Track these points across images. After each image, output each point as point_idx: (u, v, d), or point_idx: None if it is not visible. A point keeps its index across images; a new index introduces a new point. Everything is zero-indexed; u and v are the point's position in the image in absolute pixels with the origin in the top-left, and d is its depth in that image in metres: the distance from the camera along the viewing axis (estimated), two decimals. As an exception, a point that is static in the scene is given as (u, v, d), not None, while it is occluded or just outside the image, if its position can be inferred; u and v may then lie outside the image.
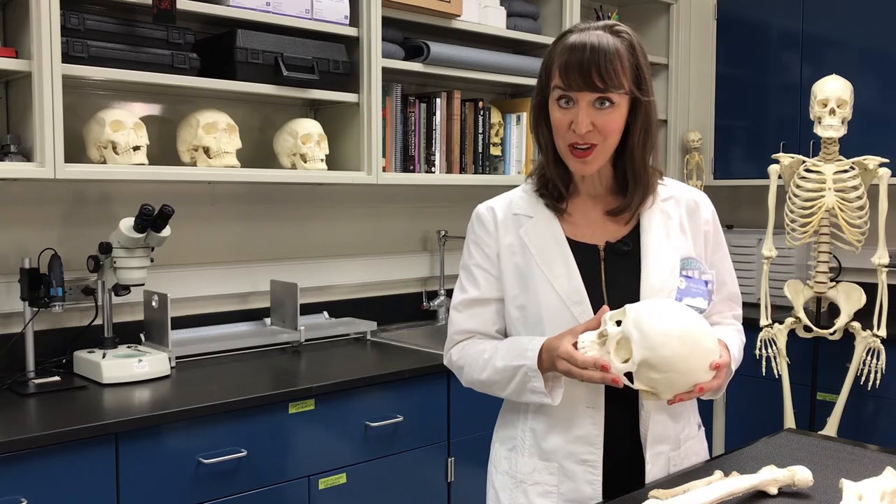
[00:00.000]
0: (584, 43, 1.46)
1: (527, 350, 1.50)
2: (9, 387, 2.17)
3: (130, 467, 1.95)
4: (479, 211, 1.65)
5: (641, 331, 1.35)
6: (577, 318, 1.51)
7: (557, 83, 1.48)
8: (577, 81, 1.46)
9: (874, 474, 1.43)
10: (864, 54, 3.32)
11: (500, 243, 1.60)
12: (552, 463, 1.57)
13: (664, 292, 1.53)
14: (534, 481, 1.59)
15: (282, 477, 2.20)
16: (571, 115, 1.48)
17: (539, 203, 1.61)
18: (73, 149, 2.28)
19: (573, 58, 1.46)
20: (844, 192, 2.93)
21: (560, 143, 1.53)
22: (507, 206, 1.63)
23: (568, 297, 1.52)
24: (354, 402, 2.35)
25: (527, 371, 1.50)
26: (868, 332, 2.93)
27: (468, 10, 3.02)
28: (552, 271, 1.54)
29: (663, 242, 1.57)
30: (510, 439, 1.65)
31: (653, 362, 1.34)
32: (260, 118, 2.83)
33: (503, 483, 1.65)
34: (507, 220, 1.61)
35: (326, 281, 3.05)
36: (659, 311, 1.37)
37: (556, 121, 1.51)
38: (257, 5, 2.49)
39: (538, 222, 1.59)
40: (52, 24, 2.10)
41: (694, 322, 1.39)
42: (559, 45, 1.51)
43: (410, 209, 3.30)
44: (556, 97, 1.50)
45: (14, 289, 2.32)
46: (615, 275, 1.56)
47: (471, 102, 3.14)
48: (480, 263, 1.61)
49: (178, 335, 2.59)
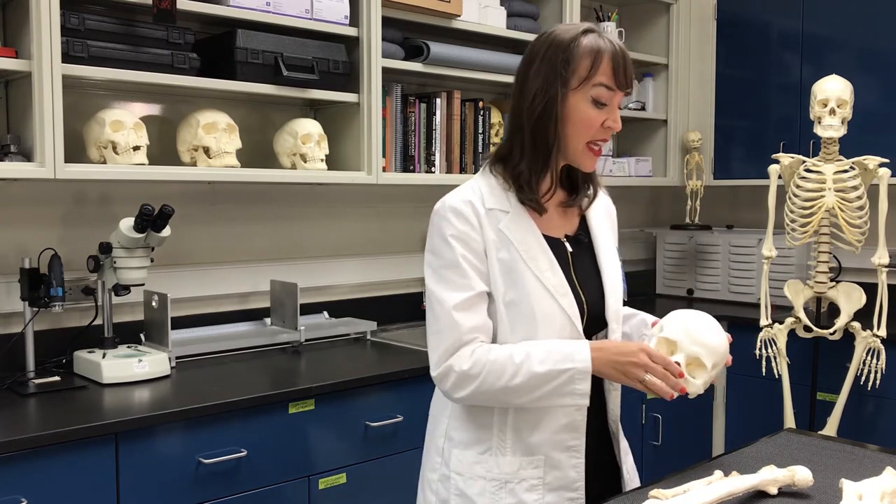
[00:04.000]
0: (619, 44, 1.55)
1: (574, 353, 1.51)
2: (9, 387, 2.17)
3: (130, 467, 1.95)
4: (454, 205, 1.59)
5: (704, 344, 1.52)
6: (566, 310, 1.56)
7: (604, 81, 1.51)
8: (623, 80, 1.53)
9: (874, 474, 1.43)
10: (864, 54, 3.32)
11: (484, 238, 1.57)
12: (537, 456, 1.58)
13: (618, 280, 1.66)
14: (520, 478, 1.59)
15: (282, 477, 2.20)
16: (605, 113, 1.54)
17: (509, 198, 1.60)
18: (73, 149, 2.28)
19: (619, 59, 1.52)
20: (844, 192, 2.93)
21: (580, 140, 1.55)
22: (480, 201, 1.59)
23: (556, 290, 1.56)
24: (354, 402, 2.35)
25: (574, 374, 1.50)
26: (868, 332, 2.93)
27: (468, 10, 3.02)
28: (538, 266, 1.56)
29: (607, 235, 1.71)
30: (480, 442, 1.61)
31: (717, 361, 1.53)
32: (260, 118, 2.83)
33: (481, 489, 1.60)
34: (485, 215, 1.58)
35: (326, 281, 3.05)
36: (697, 322, 1.56)
37: (587, 118, 1.53)
38: (257, 5, 2.49)
39: (514, 217, 1.58)
40: (52, 24, 2.10)
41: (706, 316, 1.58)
42: (581, 43, 1.52)
43: (410, 209, 3.30)
44: (593, 95, 1.52)
45: (14, 289, 2.32)
46: (580, 265, 1.64)
47: (471, 102, 3.14)
48: (469, 258, 1.56)
49: (178, 335, 2.59)
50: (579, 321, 1.58)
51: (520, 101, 1.58)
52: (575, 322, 1.57)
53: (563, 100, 1.53)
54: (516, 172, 1.59)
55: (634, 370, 1.49)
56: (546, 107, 1.54)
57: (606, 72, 1.51)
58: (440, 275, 1.57)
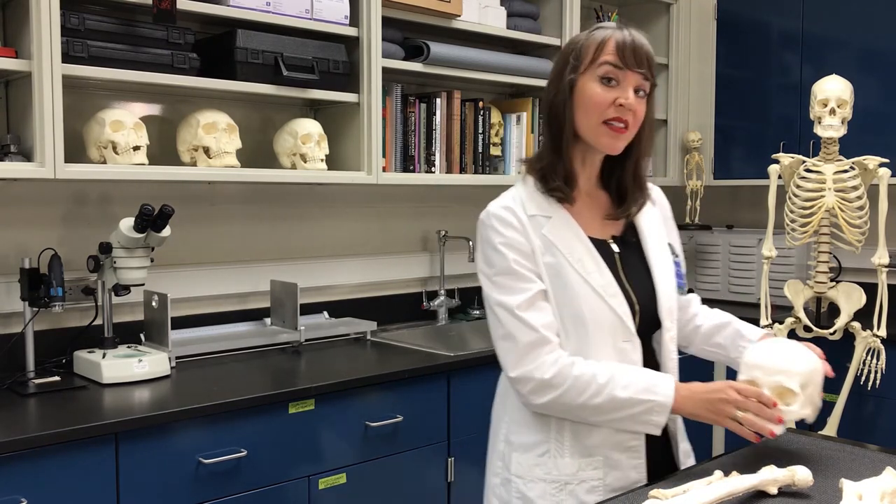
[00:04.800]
0: (631, 32, 1.57)
1: (657, 386, 1.52)
2: (9, 387, 2.17)
3: (130, 467, 1.95)
4: (498, 213, 1.60)
5: (781, 370, 1.52)
6: (616, 310, 1.56)
7: (608, 59, 1.53)
8: (630, 59, 1.53)
9: (874, 474, 1.43)
10: (864, 54, 3.32)
11: (531, 242, 1.57)
12: (596, 457, 1.59)
13: (670, 278, 1.65)
14: (580, 480, 1.59)
15: (282, 477, 2.20)
16: (616, 92, 1.54)
17: (550, 203, 1.61)
18: (73, 149, 2.28)
19: (625, 39, 1.55)
20: (844, 192, 2.93)
21: (592, 121, 1.55)
22: (521, 208, 1.60)
23: (604, 290, 1.56)
24: (354, 402, 2.35)
25: (654, 407, 1.51)
26: (868, 332, 2.93)
27: (468, 10, 3.02)
28: (584, 267, 1.57)
29: (657, 231, 1.70)
30: (539, 445, 1.62)
31: (805, 380, 1.52)
32: (260, 118, 2.83)
33: (541, 491, 1.61)
34: (528, 222, 1.59)
35: (326, 281, 3.05)
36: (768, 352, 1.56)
37: (596, 97, 1.54)
38: (257, 5, 2.49)
39: (557, 221, 1.59)
40: (52, 24, 2.10)
41: (785, 341, 1.60)
42: (592, 35, 1.57)
43: (410, 209, 3.30)
44: (600, 73, 1.54)
45: (14, 289, 2.32)
46: (629, 265, 1.63)
47: (471, 102, 3.14)
48: (521, 262, 1.56)
49: (178, 335, 2.59)
50: (631, 321, 1.58)
51: (544, 98, 1.63)
52: (626, 322, 1.57)
53: (573, 86, 1.56)
54: (540, 164, 1.62)
55: (725, 407, 1.48)
56: (559, 93, 1.58)
57: (611, 49, 1.54)
58: (495, 282, 1.58)
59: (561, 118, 1.58)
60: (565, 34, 3.31)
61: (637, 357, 1.60)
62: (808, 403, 1.52)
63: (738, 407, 1.48)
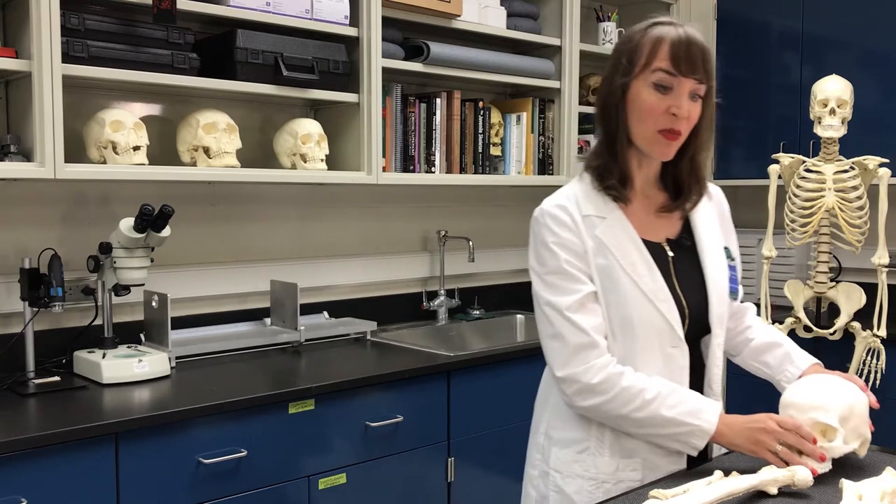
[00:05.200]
0: (686, 32, 1.51)
1: (702, 412, 1.51)
2: (9, 387, 2.17)
3: (130, 467, 1.95)
4: (552, 212, 1.58)
5: (817, 407, 1.50)
6: (665, 315, 1.55)
7: (662, 66, 1.49)
8: (685, 66, 1.49)
9: (874, 474, 1.43)
10: (864, 54, 3.32)
11: (584, 243, 1.56)
12: (635, 459, 1.58)
13: (724, 283, 1.63)
14: (617, 480, 1.58)
15: (282, 477, 2.20)
16: (669, 100, 1.50)
17: (605, 202, 1.59)
18: (73, 149, 2.28)
19: (681, 44, 1.49)
20: (844, 192, 2.93)
21: (647, 128, 1.53)
22: (575, 207, 1.58)
23: (654, 295, 1.55)
24: (354, 402, 2.35)
25: (694, 431, 1.51)
26: (868, 332, 2.93)
27: (468, 10, 3.02)
28: (636, 271, 1.55)
29: (713, 234, 1.67)
30: (579, 442, 1.62)
31: (845, 414, 1.49)
32: (260, 118, 2.83)
33: (578, 487, 1.61)
34: (582, 222, 1.57)
35: (326, 281, 3.05)
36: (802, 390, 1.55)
37: (650, 105, 1.51)
38: (257, 5, 2.48)
39: (611, 223, 1.57)
40: (52, 24, 2.10)
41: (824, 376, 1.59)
42: (648, 33, 1.52)
43: (410, 209, 3.30)
44: (653, 80, 1.50)
45: (14, 289, 2.32)
46: (682, 270, 1.61)
47: (471, 102, 3.14)
48: (573, 262, 1.55)
49: (178, 335, 2.59)
50: (680, 327, 1.57)
51: (597, 96, 1.61)
52: (675, 327, 1.56)
53: (625, 89, 1.53)
54: (595, 164, 1.60)
55: (764, 437, 1.47)
56: (610, 96, 1.55)
57: (665, 56, 1.49)
58: (546, 281, 1.57)
59: (614, 122, 1.56)
60: (565, 34, 3.31)
61: (684, 363, 1.58)
62: (853, 437, 1.49)
63: (777, 439, 1.46)
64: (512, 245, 3.63)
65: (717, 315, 1.62)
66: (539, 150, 3.36)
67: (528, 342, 3.01)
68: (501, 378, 2.71)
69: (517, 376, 2.76)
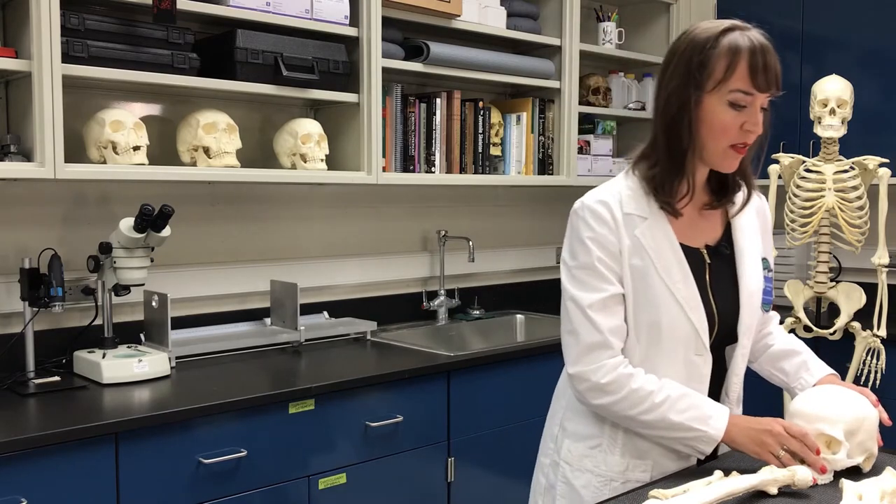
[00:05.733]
0: (760, 42, 1.48)
1: (710, 418, 1.50)
2: (9, 387, 2.17)
3: (130, 467, 1.95)
4: (592, 207, 1.55)
5: (823, 418, 1.49)
6: (694, 324, 1.53)
7: (741, 86, 1.45)
8: (762, 84, 1.45)
9: (874, 474, 1.43)
10: (864, 54, 3.32)
11: (621, 242, 1.53)
12: (646, 461, 1.58)
13: (756, 294, 1.61)
14: (626, 479, 1.59)
15: (282, 477, 2.20)
16: (744, 116, 1.47)
17: (649, 203, 1.55)
18: (73, 149, 2.28)
19: (758, 60, 1.45)
20: (844, 192, 2.93)
21: (719, 145, 1.49)
22: (618, 205, 1.55)
23: (686, 303, 1.53)
24: (354, 402, 2.35)
25: (702, 437, 1.50)
26: (868, 332, 2.93)
27: (468, 10, 3.02)
28: (671, 276, 1.52)
29: (753, 245, 1.63)
30: (591, 437, 1.62)
31: (852, 428, 1.47)
32: (260, 118, 2.83)
33: (586, 481, 1.62)
34: (622, 220, 1.54)
35: (326, 281, 3.05)
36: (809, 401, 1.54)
37: (725, 123, 1.47)
38: (257, 5, 2.48)
39: (652, 224, 1.54)
40: (52, 24, 2.10)
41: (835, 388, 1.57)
42: (720, 43, 1.47)
43: (410, 209, 3.30)
44: (730, 99, 1.46)
45: (14, 289, 2.32)
46: (717, 277, 1.59)
47: (471, 102, 3.14)
48: (605, 260, 1.53)
49: (178, 335, 2.59)
50: (707, 336, 1.55)
51: (657, 102, 1.55)
52: (702, 336, 1.54)
53: (697, 103, 1.48)
54: (651, 174, 1.55)
55: (769, 440, 1.46)
56: (680, 110, 1.49)
57: (743, 74, 1.45)
58: (574, 275, 1.55)
59: (683, 137, 1.50)
60: (565, 34, 3.31)
61: (706, 370, 1.58)
62: (858, 452, 1.48)
63: (781, 444, 1.45)
64: (512, 245, 3.64)
65: (746, 325, 1.61)
66: (539, 150, 3.36)
67: (528, 342, 3.01)
68: (501, 378, 2.72)
69: (517, 376, 2.76)
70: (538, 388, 2.80)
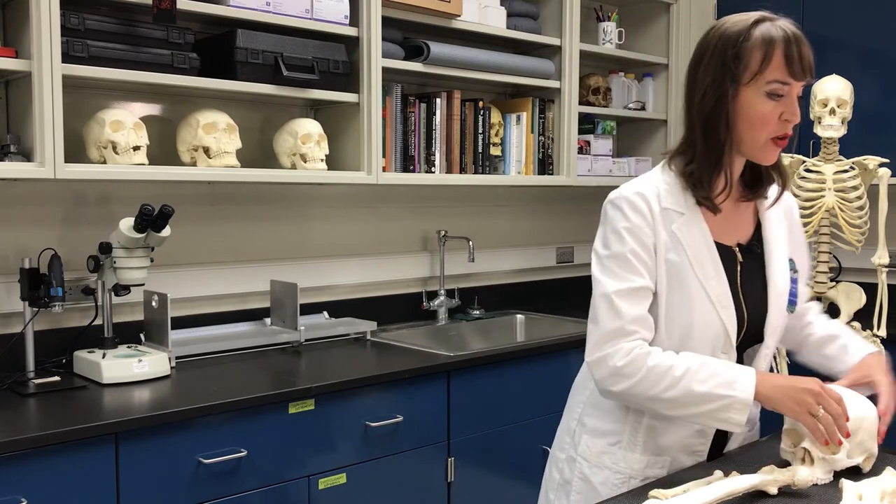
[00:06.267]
0: (792, 30, 1.46)
1: (736, 381, 1.45)
2: (9, 387, 2.17)
3: (130, 467, 1.95)
4: (630, 198, 1.53)
5: None
6: (724, 322, 1.53)
7: (778, 76, 1.45)
8: (799, 72, 1.45)
9: (874, 474, 1.43)
10: (864, 54, 3.32)
11: (657, 235, 1.52)
12: (664, 457, 1.58)
13: (784, 293, 1.60)
14: (644, 477, 1.58)
15: (282, 477, 2.20)
16: (783, 106, 1.47)
17: (685, 198, 1.55)
18: (73, 149, 2.28)
19: (794, 48, 1.45)
20: (844, 192, 2.93)
21: (759, 137, 1.49)
22: (656, 198, 1.54)
23: (718, 300, 1.52)
24: (354, 402, 2.35)
25: (733, 403, 1.44)
26: (868, 332, 2.93)
27: (468, 10, 3.02)
28: (705, 273, 1.52)
29: (782, 245, 1.63)
30: (611, 434, 1.62)
31: (851, 427, 1.45)
32: (260, 118, 2.83)
33: (604, 478, 1.61)
34: (660, 213, 1.53)
35: (326, 281, 3.05)
36: None
37: (764, 114, 1.47)
38: (257, 5, 2.49)
39: (689, 220, 1.54)
40: (52, 24, 2.10)
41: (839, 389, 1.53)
42: (752, 34, 1.46)
43: (410, 209, 3.30)
44: (768, 90, 1.46)
45: (14, 289, 2.32)
46: (748, 277, 1.59)
47: (471, 102, 3.14)
48: (639, 252, 1.51)
49: (178, 335, 2.59)
50: (735, 334, 1.55)
51: (690, 98, 1.54)
52: (731, 334, 1.54)
53: (734, 96, 1.48)
54: (688, 171, 1.54)
55: (809, 399, 1.42)
56: (717, 104, 1.49)
57: (779, 64, 1.45)
58: (605, 264, 1.54)
59: (720, 131, 1.50)
60: (565, 34, 3.31)
61: None
62: (857, 452, 1.48)
63: (821, 403, 1.43)
64: (512, 245, 3.64)
65: (773, 327, 1.60)
66: (539, 150, 3.36)
67: (528, 342, 3.01)
68: (501, 378, 2.71)
69: (517, 376, 2.76)
70: (538, 388, 2.81)
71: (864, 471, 1.49)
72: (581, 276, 3.86)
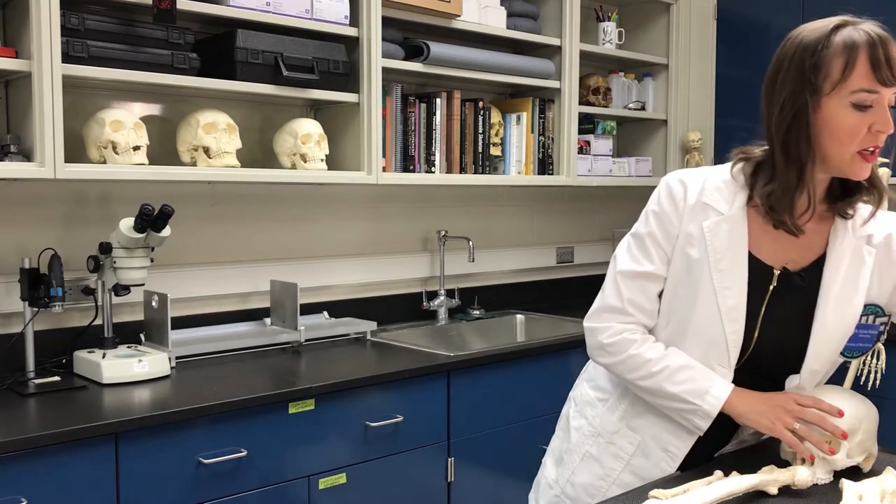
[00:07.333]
0: (877, 34, 1.36)
1: (708, 393, 1.46)
2: (9, 387, 2.17)
3: (130, 467, 1.95)
4: (671, 183, 1.50)
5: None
6: (727, 337, 1.46)
7: (863, 84, 1.33)
8: (889, 77, 1.33)
9: (874, 474, 1.43)
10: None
11: (682, 227, 1.48)
12: (637, 435, 1.60)
13: (836, 341, 1.48)
14: (610, 441, 1.61)
15: (282, 477, 2.20)
16: (871, 116, 1.34)
17: (735, 200, 1.46)
18: (73, 149, 2.28)
19: (879, 53, 1.33)
20: None
21: (845, 151, 1.37)
22: (700, 191, 1.48)
23: (727, 313, 1.46)
24: (354, 402, 2.35)
25: (696, 411, 1.48)
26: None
27: (468, 10, 3.02)
28: (723, 280, 1.45)
29: (850, 285, 1.47)
30: (603, 391, 1.67)
31: (851, 428, 1.45)
32: (260, 118, 2.83)
33: (579, 425, 1.68)
34: (696, 206, 1.47)
35: (326, 281, 3.04)
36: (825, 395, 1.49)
37: (850, 127, 1.34)
38: (257, 5, 2.48)
39: (726, 221, 1.46)
40: (52, 24, 2.10)
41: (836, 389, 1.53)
42: (833, 40, 1.35)
43: (410, 209, 3.30)
44: (854, 100, 1.34)
45: (14, 289, 2.32)
46: (778, 307, 1.48)
47: (471, 102, 3.14)
48: (657, 237, 1.50)
49: (178, 335, 2.59)
50: (736, 355, 1.48)
51: (768, 112, 1.42)
52: (730, 352, 1.48)
53: (815, 109, 1.36)
54: (766, 191, 1.42)
55: (783, 415, 1.42)
56: (796, 118, 1.37)
57: (864, 71, 1.33)
58: (627, 241, 1.57)
59: (801, 147, 1.38)
60: (565, 34, 3.31)
61: None
62: (857, 452, 1.46)
63: (796, 417, 1.41)
64: (512, 245, 3.64)
65: (809, 369, 1.49)
66: (539, 150, 3.36)
67: (528, 342, 3.01)
68: (501, 378, 2.71)
69: (517, 376, 2.76)
70: (538, 388, 2.81)
71: (864, 471, 1.49)
72: (581, 276, 3.86)
